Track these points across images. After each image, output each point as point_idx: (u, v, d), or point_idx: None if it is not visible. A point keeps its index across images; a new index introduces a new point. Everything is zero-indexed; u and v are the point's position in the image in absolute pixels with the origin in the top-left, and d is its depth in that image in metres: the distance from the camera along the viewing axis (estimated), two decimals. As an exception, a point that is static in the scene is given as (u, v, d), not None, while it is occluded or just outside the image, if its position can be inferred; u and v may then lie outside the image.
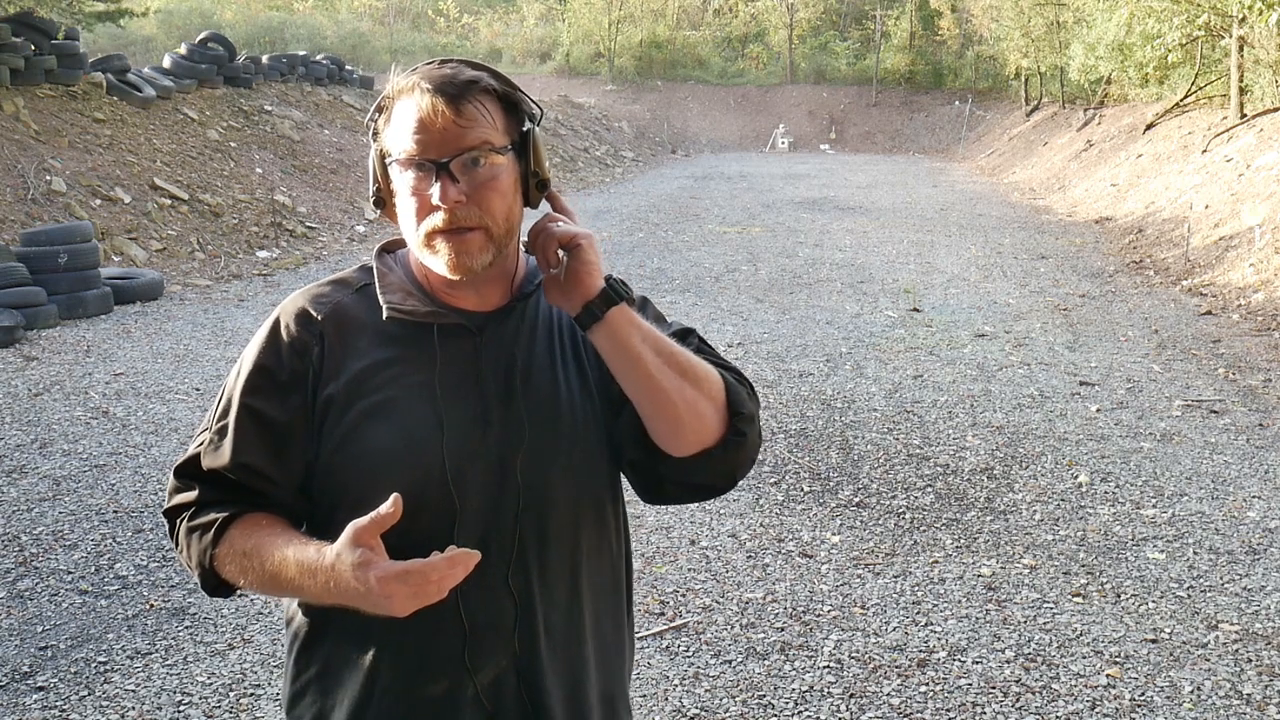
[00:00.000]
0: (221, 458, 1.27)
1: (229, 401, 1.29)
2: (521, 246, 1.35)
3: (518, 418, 1.28)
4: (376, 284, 1.32)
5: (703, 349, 1.35)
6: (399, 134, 1.23)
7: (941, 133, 34.79)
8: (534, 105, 1.30)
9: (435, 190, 1.20)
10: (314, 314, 1.30)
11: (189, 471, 1.31)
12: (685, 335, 1.36)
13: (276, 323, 1.31)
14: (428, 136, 1.20)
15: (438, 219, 1.21)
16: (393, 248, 1.39)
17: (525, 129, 1.28)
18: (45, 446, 5.34)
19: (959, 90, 36.49)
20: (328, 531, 1.17)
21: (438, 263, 1.24)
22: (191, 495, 1.29)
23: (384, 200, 1.30)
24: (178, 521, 1.30)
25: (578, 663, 1.34)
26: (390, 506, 1.09)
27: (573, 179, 21.50)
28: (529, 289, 1.36)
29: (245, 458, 1.26)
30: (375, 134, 1.28)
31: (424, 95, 1.21)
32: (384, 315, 1.28)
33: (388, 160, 1.26)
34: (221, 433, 1.28)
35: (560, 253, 1.25)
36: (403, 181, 1.24)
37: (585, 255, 1.24)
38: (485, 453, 1.27)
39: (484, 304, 1.32)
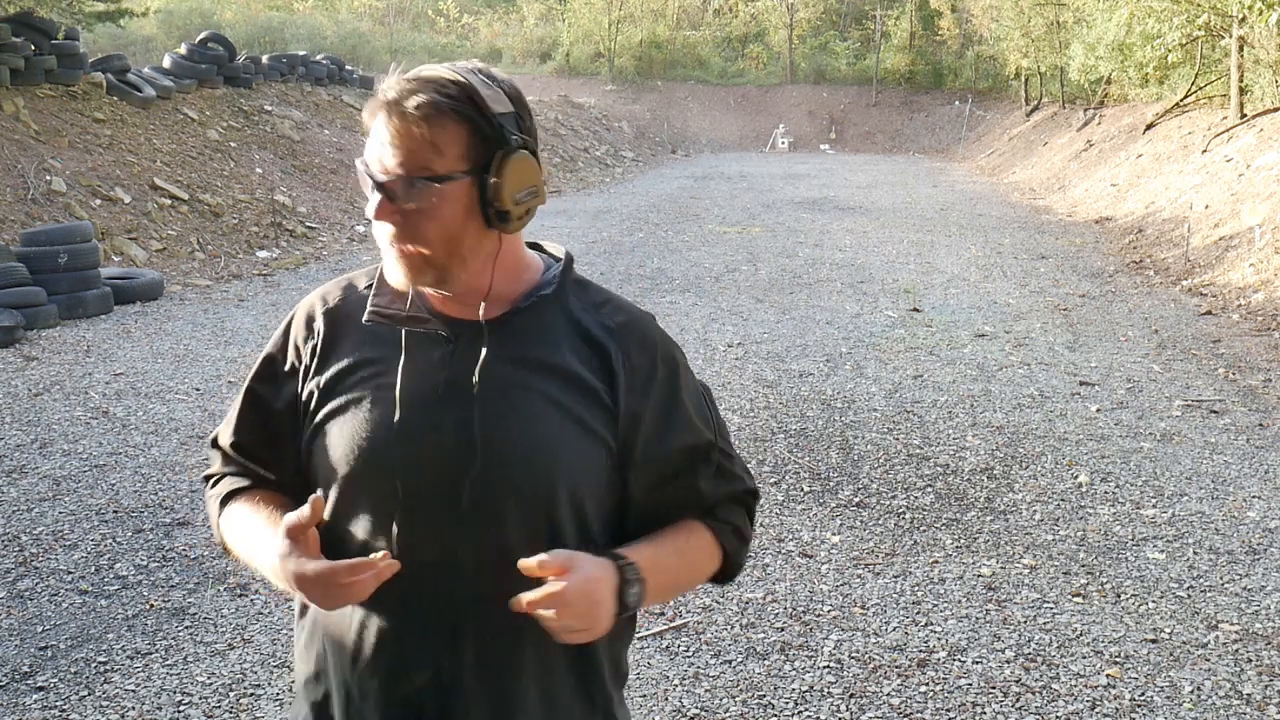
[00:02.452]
0: (226, 435, 1.39)
1: (243, 384, 1.40)
2: (526, 251, 1.34)
3: (470, 436, 1.23)
4: (374, 285, 1.33)
5: (722, 471, 1.37)
6: (368, 141, 1.24)
7: (941, 133, 34.79)
8: (516, 127, 1.22)
9: (370, 205, 1.21)
10: (319, 310, 1.35)
11: (215, 443, 1.43)
12: (706, 451, 1.35)
13: (292, 315, 1.38)
14: (375, 152, 1.21)
15: (388, 228, 1.22)
16: None
17: (501, 151, 1.20)
18: (45, 446, 5.34)
19: (959, 90, 36.47)
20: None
21: (393, 270, 1.25)
22: (217, 465, 1.42)
23: None
24: (207, 486, 1.43)
25: (512, 700, 1.27)
26: (309, 508, 1.17)
27: (573, 179, 21.50)
28: (524, 304, 1.29)
29: (241, 437, 1.38)
30: None
31: (379, 109, 1.20)
32: (364, 317, 1.31)
33: None
34: (233, 411, 1.40)
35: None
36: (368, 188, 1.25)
37: (568, 631, 1.18)
38: (436, 465, 1.24)
39: (468, 313, 1.28)
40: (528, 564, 1.15)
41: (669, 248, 12.50)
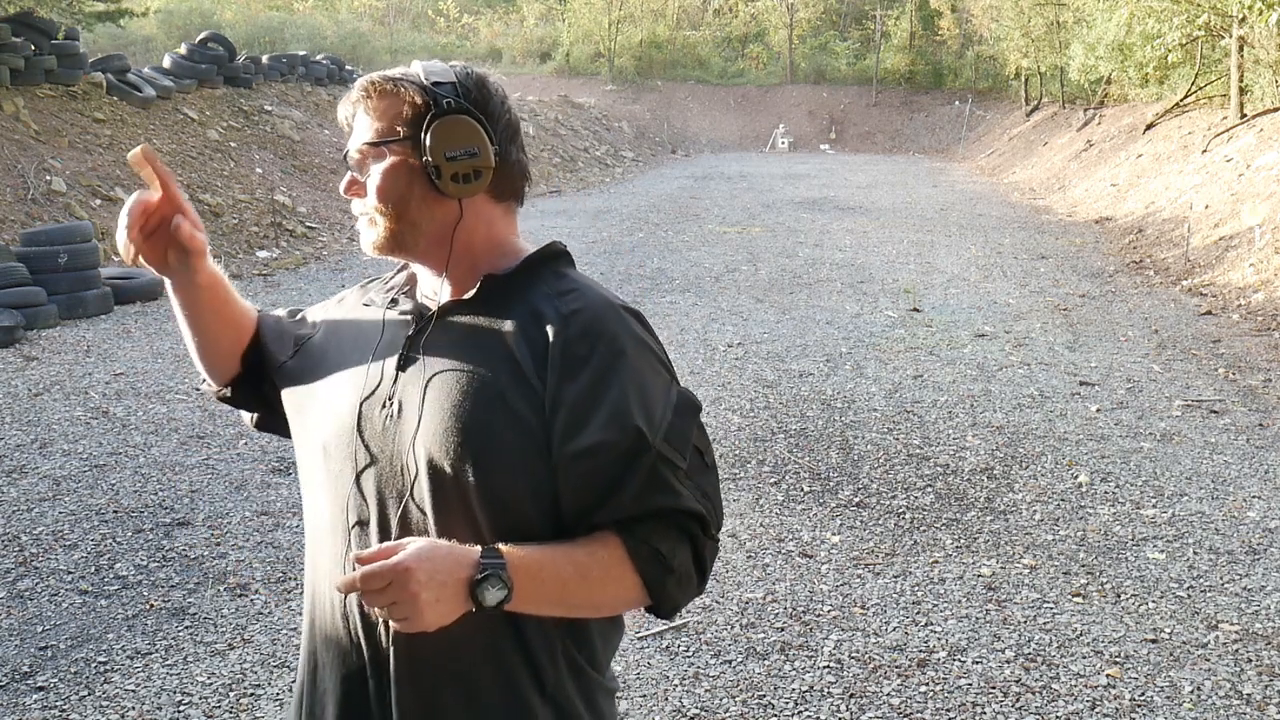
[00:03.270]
0: (276, 308, 1.60)
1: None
2: (515, 241, 1.40)
3: (404, 412, 1.28)
4: (390, 276, 1.47)
5: (655, 481, 1.22)
6: None
7: (941, 133, 34.78)
8: (455, 95, 1.28)
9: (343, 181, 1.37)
10: (356, 287, 1.54)
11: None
12: (634, 451, 1.21)
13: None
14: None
15: (355, 202, 1.35)
16: None
17: (432, 113, 1.27)
18: (45, 446, 5.35)
19: (959, 90, 36.46)
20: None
21: (361, 238, 1.37)
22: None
23: None
24: None
25: (443, 685, 1.25)
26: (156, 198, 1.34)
27: (573, 179, 21.50)
28: (469, 293, 1.31)
29: (273, 317, 1.56)
30: None
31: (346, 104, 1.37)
32: (363, 300, 1.46)
33: None
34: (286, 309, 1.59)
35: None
36: None
37: (398, 611, 1.13)
38: (384, 438, 1.29)
39: (434, 298, 1.37)
40: (359, 553, 1.16)
41: (669, 248, 12.50)
